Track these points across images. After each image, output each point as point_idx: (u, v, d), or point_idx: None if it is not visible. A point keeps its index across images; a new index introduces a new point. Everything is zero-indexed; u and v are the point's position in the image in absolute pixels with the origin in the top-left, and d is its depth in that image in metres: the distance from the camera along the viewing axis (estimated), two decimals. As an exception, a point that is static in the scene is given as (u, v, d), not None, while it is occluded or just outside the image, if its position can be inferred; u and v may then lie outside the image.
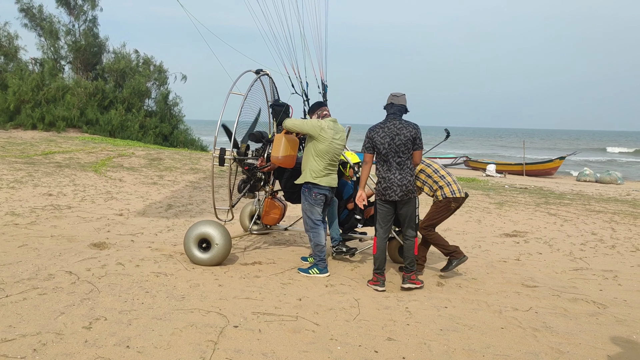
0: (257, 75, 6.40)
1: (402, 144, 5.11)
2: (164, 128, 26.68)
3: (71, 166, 13.72)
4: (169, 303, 4.55)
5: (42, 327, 3.84)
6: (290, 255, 6.54)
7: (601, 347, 4.09)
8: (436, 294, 5.29)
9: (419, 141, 5.18)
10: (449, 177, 5.85)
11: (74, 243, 6.39)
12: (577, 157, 42.19)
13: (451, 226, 9.18)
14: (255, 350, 3.70)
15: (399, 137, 5.11)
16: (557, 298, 5.30)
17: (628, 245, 8.19)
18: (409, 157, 5.20)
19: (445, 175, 5.85)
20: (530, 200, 13.56)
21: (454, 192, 5.75)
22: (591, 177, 25.53)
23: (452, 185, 5.78)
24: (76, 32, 27.99)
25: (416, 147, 5.17)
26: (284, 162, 5.84)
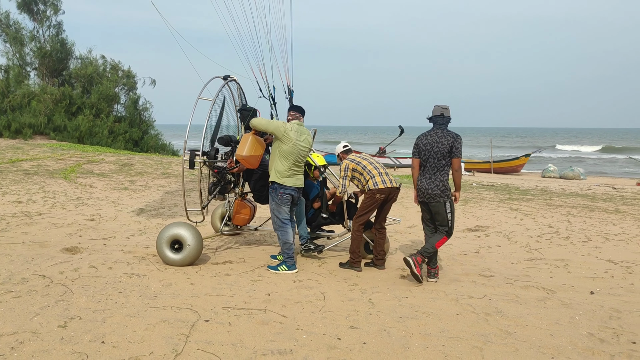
0: (224, 81, 6.62)
1: (439, 151, 5.60)
2: (134, 133, 26.52)
3: (40, 173, 13.65)
4: (142, 301, 4.73)
5: (19, 327, 3.99)
6: (260, 254, 6.77)
7: (546, 327, 4.45)
8: (398, 285, 5.60)
9: (456, 150, 5.62)
10: (374, 170, 6.12)
11: (46, 248, 6.49)
12: (546, 154, 43.36)
13: (417, 223, 9.52)
14: (225, 341, 3.94)
15: (437, 145, 5.62)
16: (510, 286, 5.67)
17: (581, 236, 8.66)
18: (446, 164, 5.65)
19: (371, 169, 6.13)
20: (495, 196, 14.06)
21: (377, 184, 6.05)
22: (555, 174, 26.38)
23: (375, 177, 6.07)
24: (41, 38, 27.65)
25: (453, 155, 5.62)
26: (247, 160, 6.06)
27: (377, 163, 6.30)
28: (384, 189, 6.06)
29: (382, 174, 6.14)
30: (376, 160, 6.37)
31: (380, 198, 6.07)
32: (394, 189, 6.16)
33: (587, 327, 4.49)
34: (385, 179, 6.11)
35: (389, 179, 6.14)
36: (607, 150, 58.60)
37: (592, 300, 5.28)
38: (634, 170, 34.00)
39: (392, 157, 31.12)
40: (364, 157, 6.39)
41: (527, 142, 77.30)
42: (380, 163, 6.35)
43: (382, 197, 6.08)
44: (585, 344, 4.13)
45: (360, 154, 6.58)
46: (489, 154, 30.37)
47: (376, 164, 6.27)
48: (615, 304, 5.16)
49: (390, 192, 6.12)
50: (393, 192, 6.17)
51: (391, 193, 6.15)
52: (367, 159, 6.32)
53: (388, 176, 6.16)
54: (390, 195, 6.17)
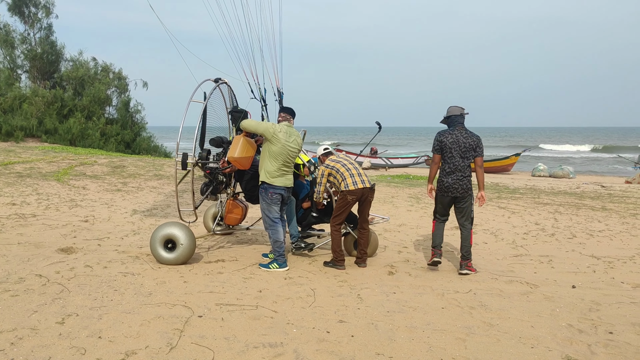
0: (215, 83, 6.76)
1: (466, 150, 6.02)
2: (126, 135, 26.56)
3: (32, 176, 13.71)
4: (137, 299, 4.87)
5: (17, 324, 4.12)
6: (251, 253, 6.91)
7: (527, 319, 4.63)
8: (387, 281, 5.76)
9: (480, 149, 6.12)
10: (346, 172, 6.23)
11: (42, 249, 6.60)
12: (535, 153, 43.75)
13: (406, 221, 9.72)
14: (218, 335, 4.08)
15: (465, 143, 6.02)
16: (495, 281, 5.85)
17: (567, 233, 8.87)
18: (470, 161, 6.10)
19: (344, 172, 6.24)
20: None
21: (348, 186, 6.18)
22: (545, 172, 26.69)
23: (347, 179, 6.20)
24: (32, 41, 27.64)
25: (478, 154, 6.08)
26: (239, 162, 6.21)
27: (351, 165, 6.36)
28: (355, 190, 6.17)
29: (354, 175, 6.23)
30: (350, 162, 6.43)
31: (352, 199, 6.19)
32: (367, 189, 6.25)
33: (567, 319, 4.67)
34: (357, 179, 6.20)
35: (362, 179, 6.22)
36: (596, 150, 59.26)
37: (573, 293, 5.47)
38: (623, 168, 34.39)
39: (384, 157, 31.36)
40: (339, 159, 6.46)
41: (513, 142, 77.86)
42: (355, 164, 6.42)
43: (354, 198, 6.20)
44: (564, 334, 4.31)
45: (338, 155, 6.64)
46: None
47: (349, 165, 6.34)
48: (595, 297, 5.35)
49: (362, 193, 6.23)
50: (366, 193, 6.27)
51: (364, 194, 6.25)
52: (341, 162, 6.39)
53: (361, 177, 6.24)
54: (364, 196, 6.27)
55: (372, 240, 6.86)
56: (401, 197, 13.25)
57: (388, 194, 13.67)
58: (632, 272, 6.41)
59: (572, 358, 3.84)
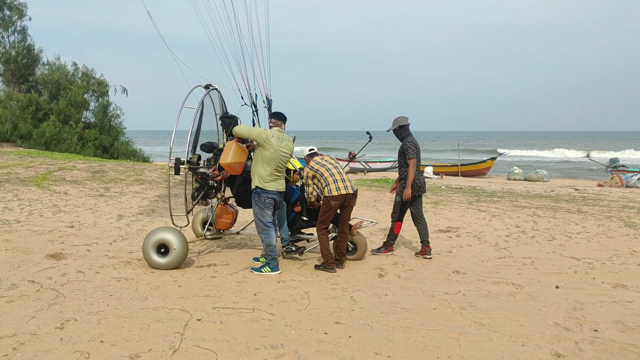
0: (206, 90, 6.83)
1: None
2: (104, 140, 26.26)
3: (11, 181, 13.50)
4: (134, 303, 4.90)
5: (17, 330, 4.13)
6: (242, 257, 6.98)
7: (516, 319, 4.81)
8: (378, 284, 5.90)
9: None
10: (330, 177, 6.33)
11: (30, 255, 6.56)
12: (508, 158, 44.55)
13: (390, 224, 9.86)
14: (219, 337, 4.15)
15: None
16: (482, 282, 6.04)
17: (546, 235, 9.14)
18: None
19: (327, 177, 6.35)
20: (464, 199, 14.54)
21: (331, 191, 6.30)
22: (520, 176, 27.23)
23: (330, 185, 6.31)
24: (6, 44, 27.18)
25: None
26: (231, 167, 6.29)
27: (335, 169, 6.45)
28: (338, 196, 6.28)
29: (337, 180, 6.33)
30: (334, 166, 6.50)
31: (336, 204, 6.30)
32: (349, 195, 6.36)
33: (553, 318, 4.87)
34: (340, 185, 6.30)
35: (345, 185, 6.32)
36: (560, 153, 60.85)
37: (557, 293, 5.68)
38: (594, 169, 35.22)
39: (362, 161, 31.59)
40: (324, 162, 6.54)
41: (491, 146, 79.14)
42: (338, 169, 6.50)
43: (337, 204, 6.30)
44: (552, 332, 4.50)
45: (322, 157, 6.72)
46: (453, 157, 31.13)
47: (333, 170, 6.42)
48: (578, 297, 5.57)
49: (345, 199, 6.35)
50: (349, 199, 6.39)
51: (346, 199, 6.37)
52: (326, 165, 6.47)
53: (344, 182, 6.33)
54: (346, 202, 6.39)
55: (362, 244, 7.00)
56: (383, 200, 13.43)
57: (370, 198, 13.84)
58: (611, 273, 6.67)
59: (561, 355, 4.02)
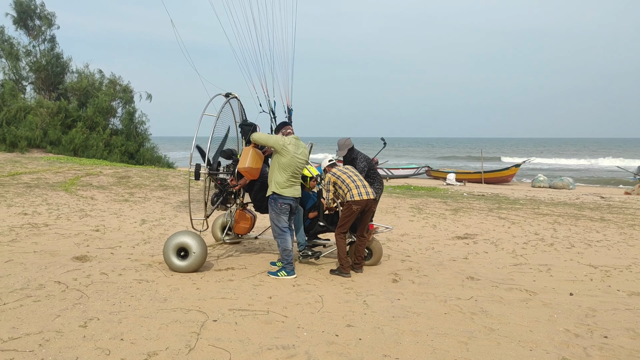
0: (226, 98, 7.03)
1: None
2: (130, 146, 26.87)
3: (40, 186, 13.96)
4: (153, 304, 5.09)
5: (43, 327, 4.34)
6: (260, 261, 7.14)
7: (526, 324, 4.85)
8: (391, 288, 5.99)
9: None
10: (352, 183, 6.51)
11: (57, 257, 6.83)
12: (531, 165, 44.02)
13: (408, 231, 9.95)
14: (234, 338, 4.31)
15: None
16: (496, 288, 6.08)
17: (565, 242, 9.10)
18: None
19: (349, 183, 6.52)
20: (485, 206, 14.50)
21: (353, 196, 6.45)
22: (545, 183, 26.94)
23: (352, 190, 6.47)
24: (37, 53, 28.05)
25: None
26: (248, 172, 6.49)
27: (356, 176, 6.65)
28: (360, 201, 6.43)
29: (359, 186, 6.50)
30: (355, 174, 6.71)
31: (357, 209, 6.45)
32: (370, 201, 6.52)
33: (564, 324, 4.90)
34: (362, 191, 6.47)
35: (366, 191, 6.49)
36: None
37: (571, 300, 5.70)
38: (623, 177, 34.57)
39: (384, 168, 31.61)
40: (345, 170, 6.77)
41: (514, 153, 78.21)
42: (359, 176, 6.70)
43: (359, 208, 6.46)
44: (562, 338, 4.53)
45: (343, 166, 6.96)
46: (473, 165, 30.90)
47: (354, 177, 6.63)
48: (592, 304, 5.58)
49: (366, 204, 6.49)
50: (370, 204, 6.53)
51: (367, 204, 6.51)
52: (347, 173, 6.69)
53: (365, 188, 6.51)
54: (367, 207, 6.53)
55: (377, 249, 7.10)
56: (403, 207, 13.49)
57: (390, 205, 13.91)
58: (628, 281, 6.64)
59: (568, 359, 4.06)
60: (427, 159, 61.71)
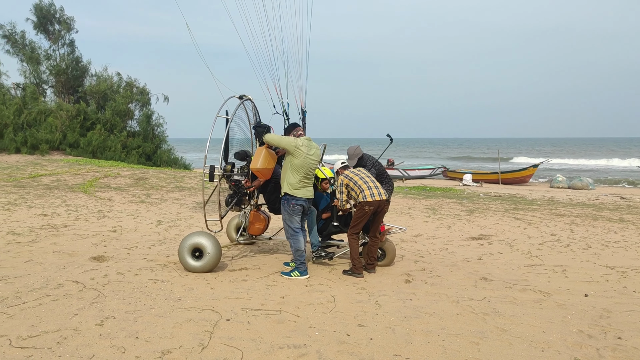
0: (240, 100, 7.11)
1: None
2: (147, 148, 27.18)
3: (60, 188, 14.21)
4: (168, 304, 5.18)
5: (61, 325, 4.45)
6: (274, 262, 7.20)
7: (539, 325, 4.83)
8: (404, 289, 6.00)
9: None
10: (364, 185, 6.53)
11: (75, 257, 6.97)
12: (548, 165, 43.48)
13: (422, 232, 9.93)
14: (246, 337, 4.36)
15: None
16: (509, 289, 6.06)
17: (582, 243, 9.01)
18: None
19: (361, 184, 6.54)
20: (501, 206, 14.40)
21: (366, 197, 6.47)
22: (564, 184, 26.62)
23: (365, 191, 6.49)
24: (57, 57, 28.54)
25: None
26: (261, 172, 6.56)
27: (368, 178, 6.68)
28: (372, 202, 6.46)
29: (371, 187, 6.53)
30: (367, 176, 6.73)
31: (370, 210, 6.48)
32: (383, 202, 6.54)
33: (577, 325, 4.87)
34: (374, 192, 6.50)
35: (379, 192, 6.52)
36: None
37: (585, 301, 5.66)
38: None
39: (400, 168, 31.53)
40: (357, 172, 6.79)
41: (532, 153, 77.37)
42: (371, 178, 6.72)
43: (371, 209, 6.49)
44: (574, 339, 4.51)
45: (355, 169, 6.96)
46: (489, 165, 30.64)
47: (366, 178, 6.66)
48: (606, 305, 5.53)
49: (379, 205, 6.52)
50: (382, 205, 6.56)
51: (380, 205, 6.54)
52: (359, 175, 6.71)
53: (378, 189, 6.54)
54: (380, 207, 6.56)
55: (390, 250, 7.11)
56: (417, 208, 13.46)
57: (405, 205, 13.89)
58: (644, 282, 6.56)
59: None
60: (441, 160, 61.48)
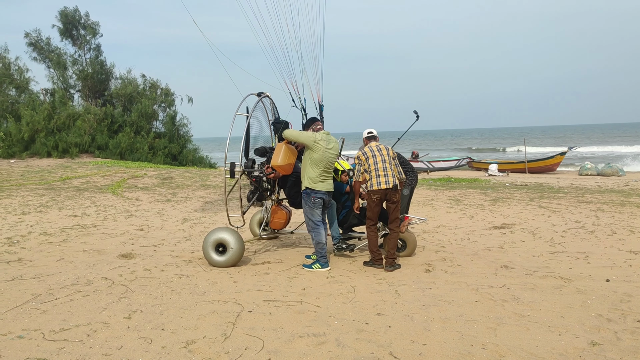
0: (259, 97, 7.25)
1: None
2: (173, 148, 27.65)
3: (89, 189, 14.62)
4: (193, 297, 5.35)
5: (91, 319, 4.65)
6: (296, 255, 7.34)
7: (557, 310, 4.85)
8: (423, 278, 6.07)
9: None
10: (374, 172, 6.43)
11: (104, 255, 7.22)
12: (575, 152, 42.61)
13: (444, 222, 9.95)
14: (267, 327, 4.50)
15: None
16: (530, 276, 6.07)
17: (607, 230, 8.91)
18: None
19: (373, 170, 6.44)
20: (526, 195, 14.28)
21: (372, 185, 6.45)
22: (593, 171, 26.12)
23: (373, 179, 6.44)
24: (83, 61, 29.21)
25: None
26: (282, 168, 6.69)
27: (382, 163, 6.46)
28: (378, 190, 6.41)
29: (380, 175, 6.40)
30: (383, 159, 6.49)
31: (377, 198, 6.46)
32: (389, 190, 6.42)
33: (597, 310, 4.87)
34: (382, 180, 6.39)
35: (386, 180, 6.38)
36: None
37: (606, 286, 5.63)
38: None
39: (425, 161, 31.36)
40: (376, 152, 6.55)
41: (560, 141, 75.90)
42: (386, 163, 6.47)
43: (378, 197, 6.46)
44: (593, 323, 4.52)
45: (379, 145, 6.69)
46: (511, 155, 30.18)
47: (380, 163, 6.45)
48: (628, 290, 5.50)
49: (385, 193, 6.45)
50: (389, 193, 6.46)
51: (387, 194, 6.47)
52: (376, 157, 6.50)
53: (387, 177, 6.38)
54: (387, 196, 6.48)
55: (411, 241, 7.17)
56: (441, 199, 13.45)
57: (428, 197, 13.89)
58: (669, 266, 6.49)
59: (597, 343, 4.06)
60: (462, 152, 60.99)
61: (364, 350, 4.02)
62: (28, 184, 15.55)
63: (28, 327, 4.47)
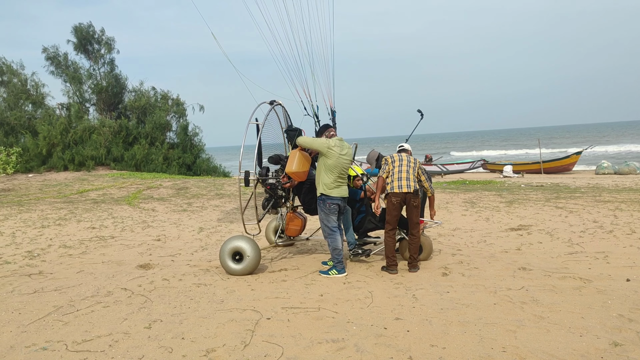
0: (271, 105, 7.31)
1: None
2: (187, 158, 27.90)
3: (106, 201, 14.79)
4: (211, 306, 5.39)
5: (112, 330, 4.71)
6: (312, 262, 7.36)
7: (578, 311, 4.81)
8: (441, 282, 6.05)
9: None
10: (397, 174, 6.53)
11: (123, 266, 7.30)
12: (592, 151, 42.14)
13: (460, 225, 9.91)
14: (286, 334, 4.52)
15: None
16: (548, 277, 6.02)
17: (626, 229, 8.80)
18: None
19: (394, 173, 6.55)
20: (542, 196, 14.15)
21: (393, 188, 6.50)
22: (609, 170, 25.81)
23: (394, 182, 6.52)
24: (97, 75, 29.63)
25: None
26: (296, 175, 6.72)
27: (405, 167, 6.59)
28: (399, 194, 6.48)
29: (401, 178, 6.50)
30: (408, 166, 6.62)
31: (396, 201, 6.50)
32: (409, 194, 6.49)
33: (618, 310, 4.82)
34: (403, 184, 6.48)
35: (407, 184, 6.47)
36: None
37: (627, 286, 5.57)
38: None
39: (439, 164, 31.24)
40: (401, 158, 6.70)
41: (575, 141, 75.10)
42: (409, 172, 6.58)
43: (398, 200, 6.50)
44: (614, 323, 4.48)
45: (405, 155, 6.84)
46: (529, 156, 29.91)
47: (404, 167, 6.59)
48: (649, 289, 5.44)
49: (405, 197, 6.50)
50: (408, 197, 6.51)
51: (406, 198, 6.52)
52: (401, 163, 6.64)
53: (408, 182, 6.48)
54: (407, 200, 6.52)
55: (427, 245, 7.15)
56: (456, 202, 13.39)
57: (442, 200, 13.83)
58: (691, 264, 6.39)
59: (619, 344, 4.02)
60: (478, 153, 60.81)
61: (384, 355, 4.02)
62: (46, 197, 15.78)
63: (51, 338, 4.54)
